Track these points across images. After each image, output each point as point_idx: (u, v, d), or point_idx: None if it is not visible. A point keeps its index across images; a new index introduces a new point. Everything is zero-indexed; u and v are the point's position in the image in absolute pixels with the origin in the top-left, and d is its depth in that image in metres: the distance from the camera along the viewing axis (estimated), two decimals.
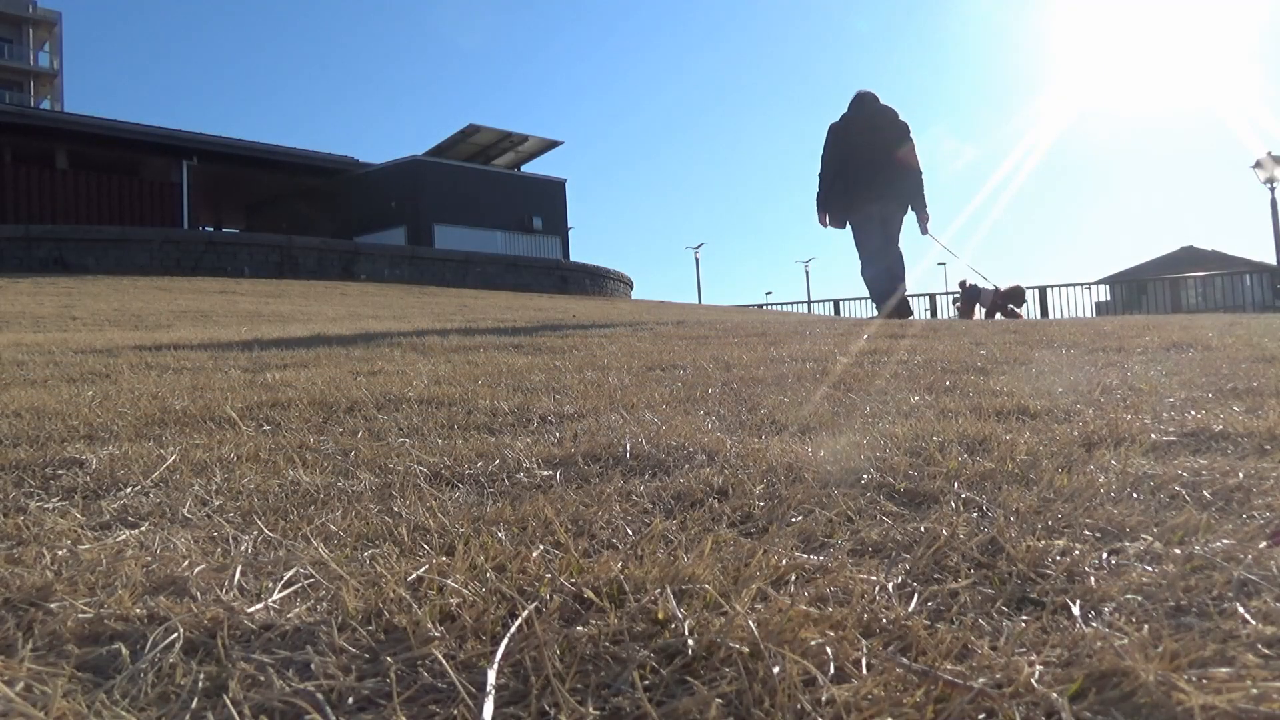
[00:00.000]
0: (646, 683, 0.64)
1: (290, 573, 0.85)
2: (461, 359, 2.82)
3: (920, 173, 6.36)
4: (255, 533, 1.00)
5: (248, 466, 1.33)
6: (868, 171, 6.25)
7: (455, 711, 0.61)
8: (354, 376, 2.35)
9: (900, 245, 6.38)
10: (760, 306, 25.36)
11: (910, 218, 6.37)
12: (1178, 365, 2.46)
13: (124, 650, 0.69)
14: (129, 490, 1.20)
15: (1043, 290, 19.80)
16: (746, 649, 0.66)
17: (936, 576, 0.85)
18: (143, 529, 1.03)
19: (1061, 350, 2.97)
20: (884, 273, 6.32)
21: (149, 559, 0.90)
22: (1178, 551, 0.88)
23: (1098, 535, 0.95)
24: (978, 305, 8.22)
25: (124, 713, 0.61)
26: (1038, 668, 0.64)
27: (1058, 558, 0.88)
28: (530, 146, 24.49)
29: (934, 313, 19.80)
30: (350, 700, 0.62)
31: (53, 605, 0.78)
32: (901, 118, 6.41)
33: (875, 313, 6.51)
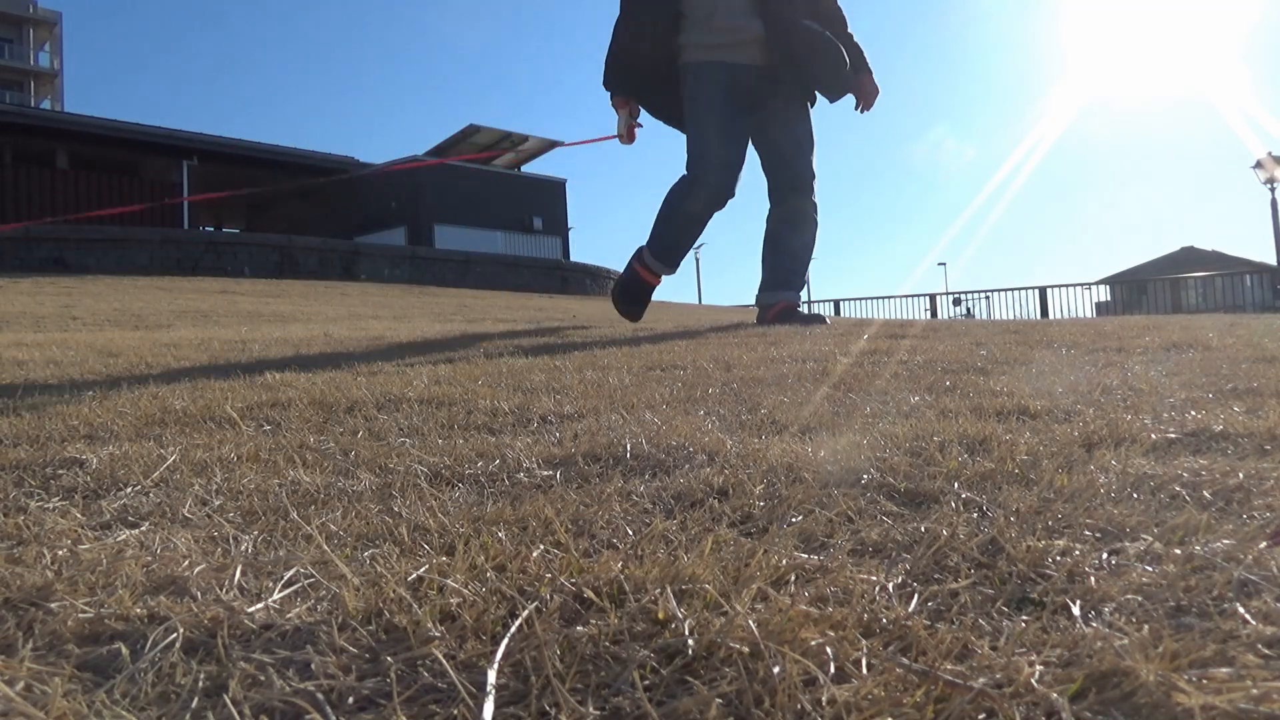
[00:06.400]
0: (646, 682, 0.64)
1: (290, 572, 0.85)
2: (462, 358, 2.82)
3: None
4: (255, 532, 1.00)
5: (248, 466, 1.33)
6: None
7: (455, 711, 0.61)
8: (354, 376, 2.35)
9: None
10: None
11: None
12: (1178, 365, 2.45)
13: (124, 650, 0.69)
14: (129, 490, 1.20)
15: (1043, 290, 19.79)
16: (746, 649, 0.66)
17: (936, 576, 0.85)
18: (143, 529, 1.03)
19: (1062, 350, 2.97)
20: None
21: (149, 559, 0.90)
22: (1178, 551, 0.88)
23: (1098, 535, 0.95)
24: None
25: (124, 712, 0.61)
26: (1038, 668, 0.64)
27: (1058, 558, 0.87)
28: (530, 146, 24.48)
29: (934, 313, 19.80)
30: (350, 700, 0.62)
31: (53, 605, 0.78)
32: None
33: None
